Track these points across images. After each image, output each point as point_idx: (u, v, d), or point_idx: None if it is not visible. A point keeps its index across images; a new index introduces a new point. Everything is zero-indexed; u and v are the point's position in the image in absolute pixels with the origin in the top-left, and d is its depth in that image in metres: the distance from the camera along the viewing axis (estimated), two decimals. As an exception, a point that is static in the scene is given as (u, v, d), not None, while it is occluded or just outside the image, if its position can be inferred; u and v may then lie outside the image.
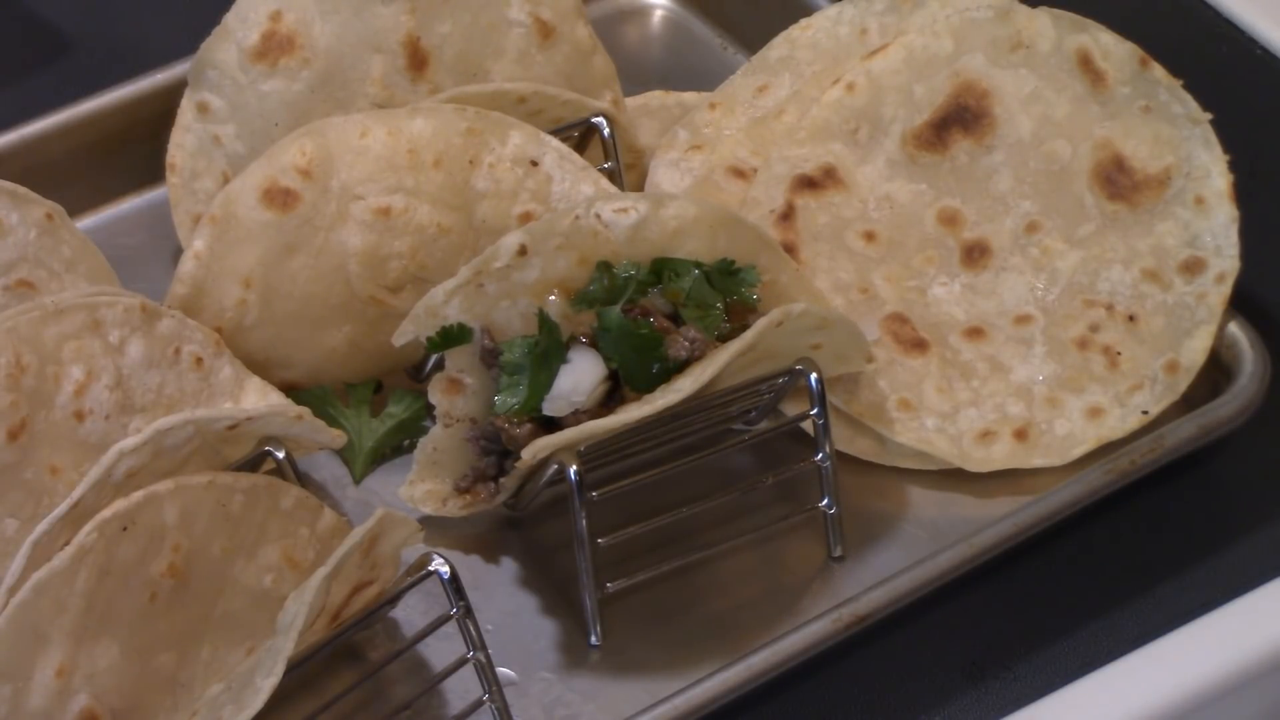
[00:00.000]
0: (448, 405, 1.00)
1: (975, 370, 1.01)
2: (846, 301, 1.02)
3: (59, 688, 0.86)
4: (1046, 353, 1.02)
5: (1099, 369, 1.01)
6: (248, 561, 0.92)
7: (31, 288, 0.99)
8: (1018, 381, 1.01)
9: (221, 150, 1.09)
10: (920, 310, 1.03)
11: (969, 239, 1.04)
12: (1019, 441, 1.01)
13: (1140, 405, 1.01)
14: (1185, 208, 1.03)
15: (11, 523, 0.91)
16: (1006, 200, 1.04)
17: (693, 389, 0.94)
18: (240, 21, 1.07)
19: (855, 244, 1.04)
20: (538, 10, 1.10)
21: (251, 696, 0.84)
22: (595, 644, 0.98)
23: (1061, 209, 1.04)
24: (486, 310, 0.98)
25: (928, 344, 1.01)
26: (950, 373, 1.01)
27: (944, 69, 1.05)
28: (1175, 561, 1.03)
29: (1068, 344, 1.02)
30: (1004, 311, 1.02)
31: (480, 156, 1.04)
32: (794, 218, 1.04)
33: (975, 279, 1.03)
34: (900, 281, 1.03)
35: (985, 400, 1.01)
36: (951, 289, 1.03)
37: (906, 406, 1.01)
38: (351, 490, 1.04)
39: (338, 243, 1.02)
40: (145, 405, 0.95)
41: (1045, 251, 1.03)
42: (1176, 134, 1.03)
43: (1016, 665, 0.99)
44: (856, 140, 1.06)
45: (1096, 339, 1.01)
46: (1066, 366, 1.01)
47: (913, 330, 1.01)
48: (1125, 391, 1.01)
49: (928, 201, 1.05)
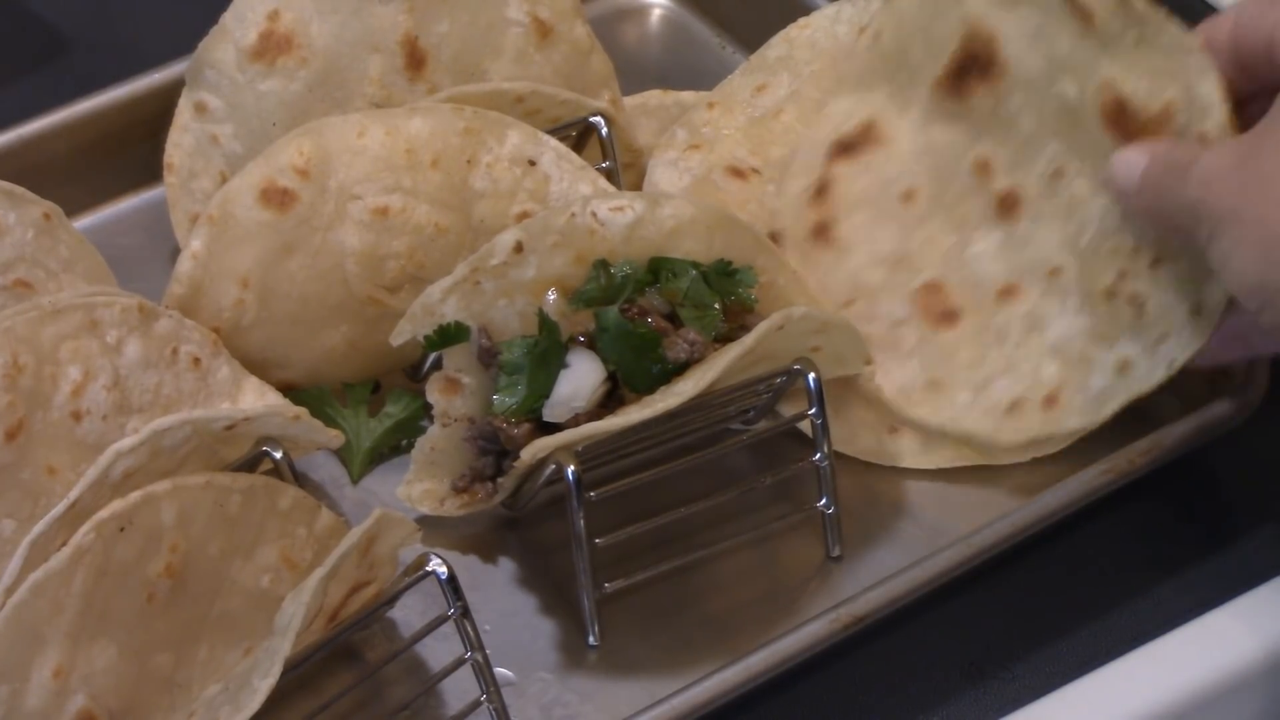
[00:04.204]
0: (445, 405, 1.00)
1: (1009, 333, 1.00)
2: (883, 276, 1.01)
3: (56, 688, 0.86)
4: (1079, 305, 1.00)
5: (1127, 319, 0.99)
6: (245, 562, 0.92)
7: (29, 288, 0.99)
8: (1052, 340, 1.00)
9: (219, 150, 1.09)
10: (958, 272, 1.02)
11: (1001, 189, 1.03)
12: (1049, 408, 1.00)
13: (1168, 355, 0.98)
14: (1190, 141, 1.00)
15: (9, 523, 0.91)
16: (1032, 143, 1.02)
17: (693, 392, 0.94)
18: (238, 21, 1.07)
19: (895, 207, 1.04)
20: (536, 10, 1.10)
21: (249, 697, 0.84)
22: (593, 644, 0.98)
23: (1083, 151, 1.01)
24: (484, 309, 0.98)
25: (959, 313, 1.01)
26: (983, 338, 1.00)
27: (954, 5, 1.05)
28: (1175, 561, 1.03)
29: (1098, 295, 0.99)
30: (1038, 264, 1.01)
31: (478, 156, 1.04)
32: (829, 192, 1.04)
33: (1011, 231, 1.02)
34: (940, 241, 1.02)
35: (1019, 364, 1.00)
36: (988, 244, 1.02)
37: (936, 388, 0.99)
38: (349, 490, 1.04)
39: (335, 242, 1.02)
40: (143, 405, 0.95)
41: (1074, 197, 1.01)
42: (1170, 64, 0.99)
43: (1016, 665, 0.99)
44: (897, 85, 1.06)
45: (1124, 288, 0.99)
46: (1098, 319, 1.00)
47: (944, 299, 1.01)
48: (1153, 341, 0.98)
49: (961, 151, 1.04)
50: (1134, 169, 0.96)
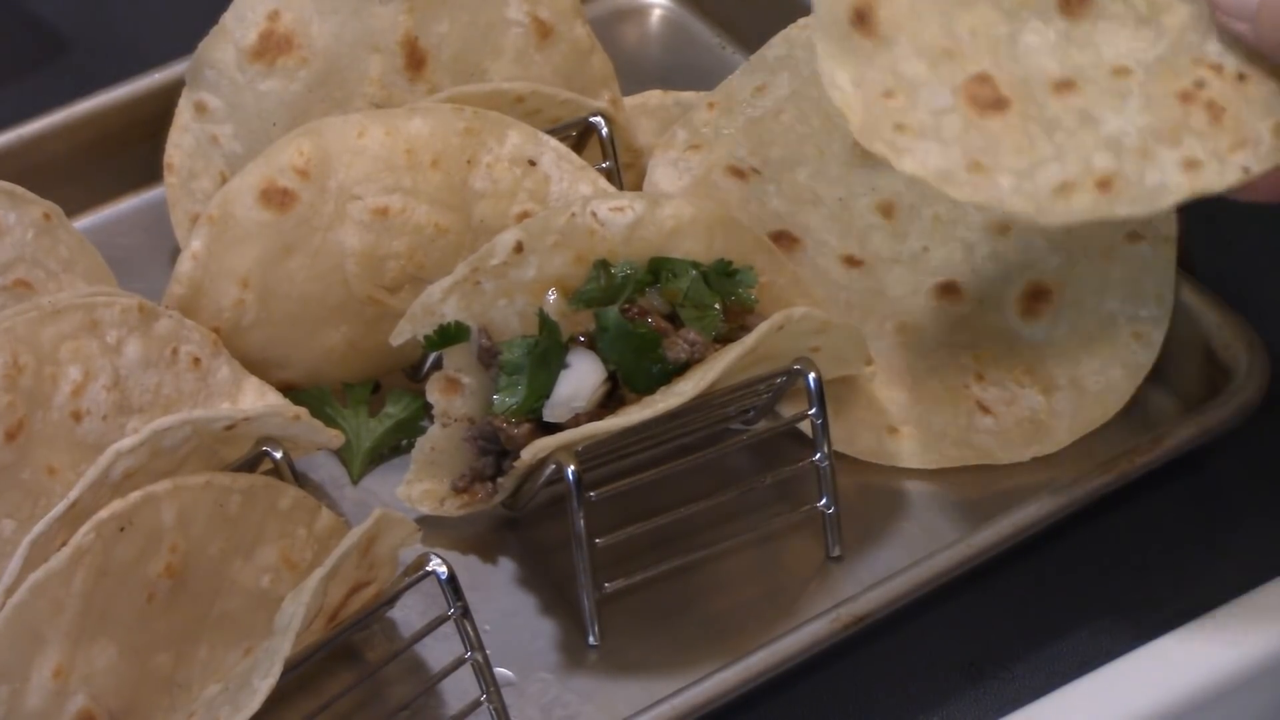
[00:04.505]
0: (445, 405, 1.00)
1: (1061, 124, 0.93)
2: (926, 69, 0.93)
3: (56, 688, 0.86)
4: (1143, 105, 0.93)
5: (1200, 124, 0.92)
6: (245, 562, 0.92)
7: (29, 288, 0.99)
8: (1108, 133, 0.93)
9: (219, 150, 1.09)
10: (1008, 64, 0.94)
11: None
12: (1102, 192, 0.92)
13: (1242, 163, 0.92)
14: None
15: (9, 523, 0.91)
16: None
17: (694, 393, 0.94)
18: (238, 21, 1.07)
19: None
20: (536, 10, 1.10)
21: (249, 697, 0.84)
22: (593, 644, 0.98)
23: None
24: (484, 309, 0.98)
25: (1009, 102, 0.93)
26: (1032, 129, 0.93)
27: None
28: (1175, 561, 1.03)
29: (1168, 97, 0.93)
30: (1100, 63, 0.94)
31: (478, 156, 1.04)
32: None
33: (1072, 27, 0.94)
34: (989, 30, 0.94)
35: (1069, 154, 0.93)
36: (1045, 36, 0.94)
37: (978, 168, 0.92)
38: (349, 490, 1.04)
39: (335, 243, 1.02)
40: (143, 405, 0.95)
41: (1151, 4, 0.94)
42: None
43: (1016, 665, 0.99)
44: None
45: (1200, 94, 0.93)
46: (1164, 119, 0.93)
47: (994, 89, 0.94)
48: (1227, 147, 0.92)
49: None
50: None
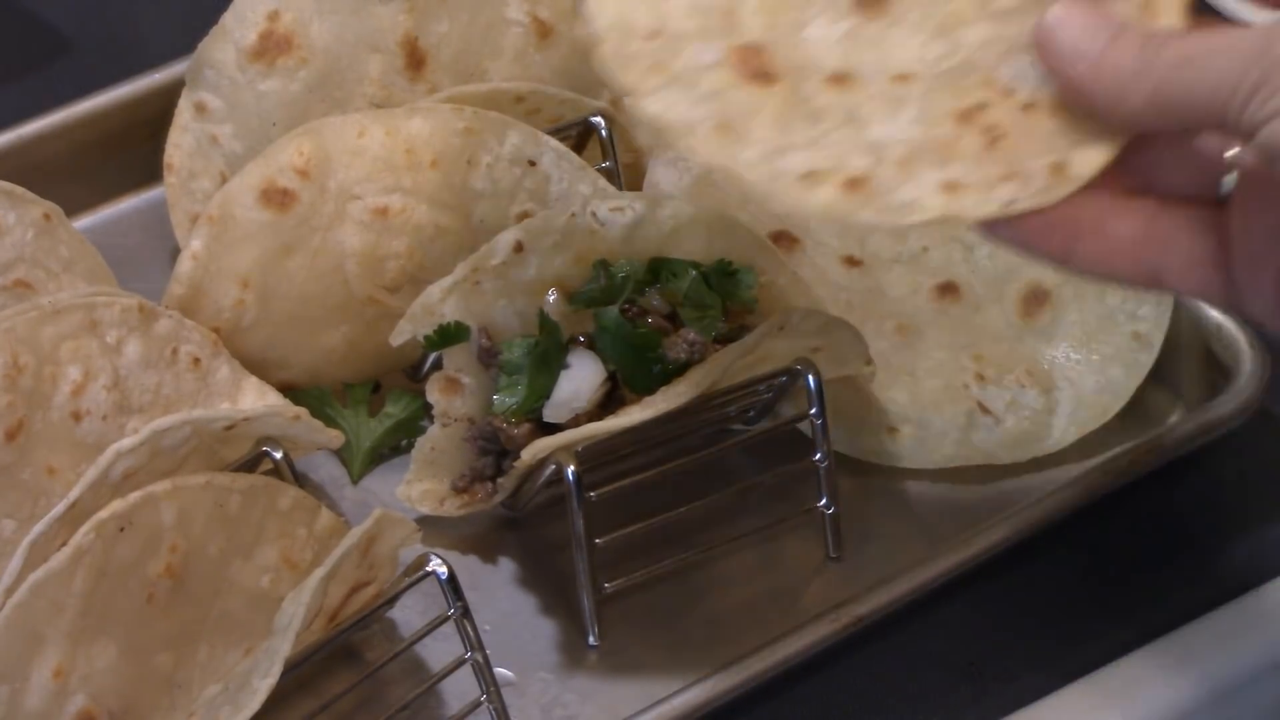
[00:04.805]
0: (445, 405, 1.00)
1: (826, 115, 0.84)
2: (697, 25, 0.84)
3: (56, 689, 0.86)
4: (917, 117, 0.84)
5: (973, 147, 0.82)
6: (245, 562, 0.92)
7: (29, 288, 0.99)
8: (873, 137, 0.83)
9: (219, 150, 1.09)
10: (786, 49, 0.85)
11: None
12: (848, 191, 0.82)
13: (1007, 196, 0.81)
14: (1129, 5, 0.82)
15: (9, 523, 0.91)
16: None
17: (694, 393, 0.94)
18: (238, 21, 1.07)
19: None
20: (536, 10, 1.10)
21: (249, 697, 0.84)
22: (593, 644, 0.98)
23: None
24: (484, 309, 0.98)
25: (778, 77, 0.84)
26: (795, 111, 0.84)
27: None
28: (1175, 561, 1.03)
29: (946, 114, 0.84)
30: (884, 66, 0.85)
31: (478, 156, 1.04)
32: None
33: (864, 25, 0.85)
34: (776, 13, 0.85)
35: (826, 146, 0.83)
36: (832, 32, 0.85)
37: (726, 130, 0.82)
38: (349, 490, 1.04)
39: (335, 243, 1.02)
40: (143, 406, 0.95)
41: (953, 14, 0.85)
42: None
43: (1016, 665, 0.99)
44: None
45: (981, 117, 0.83)
46: (935, 135, 0.83)
47: (766, 62, 0.84)
48: (996, 177, 0.82)
49: None
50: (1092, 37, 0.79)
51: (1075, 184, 0.80)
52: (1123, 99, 0.77)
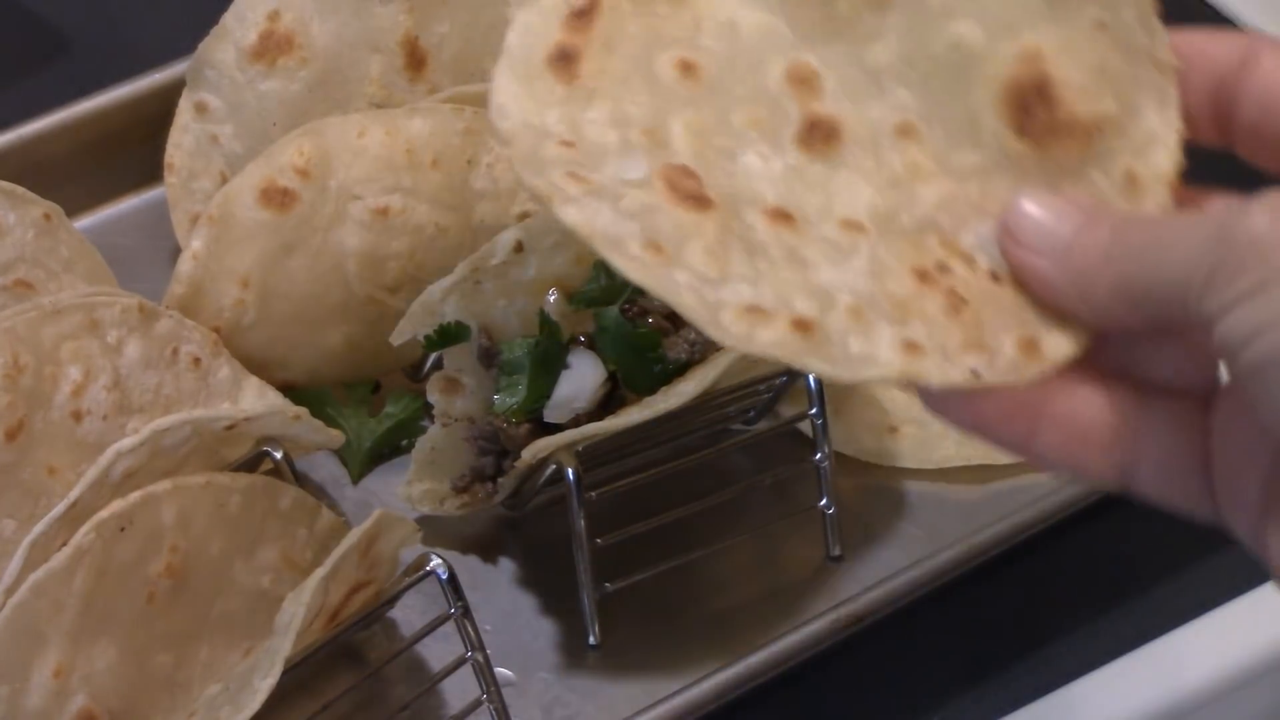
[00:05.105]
0: (445, 405, 1.00)
1: (766, 251, 0.73)
2: (620, 140, 0.74)
3: (57, 688, 0.86)
4: (870, 269, 0.73)
5: (934, 309, 0.72)
6: (246, 562, 0.92)
7: (29, 288, 0.99)
8: (821, 281, 0.73)
9: (219, 150, 1.09)
10: (720, 176, 0.74)
11: (817, 113, 0.75)
12: (797, 332, 0.72)
13: (972, 365, 0.71)
14: (1109, 180, 0.74)
15: (9, 523, 0.91)
16: (881, 80, 0.76)
17: (694, 393, 0.94)
18: (238, 21, 1.07)
19: (665, 73, 0.76)
20: (536, 10, 1.10)
21: (249, 697, 0.84)
22: (594, 644, 0.98)
23: (949, 119, 0.76)
24: (484, 309, 0.98)
25: (713, 204, 0.73)
26: (732, 243, 0.73)
27: None
28: (1175, 561, 1.03)
29: (903, 270, 0.73)
30: (829, 211, 0.74)
31: (478, 156, 1.04)
32: (595, 17, 0.76)
33: (807, 164, 0.74)
34: (707, 137, 0.75)
35: (768, 282, 0.73)
36: (770, 165, 0.74)
37: (657, 250, 0.72)
38: (349, 490, 1.04)
39: (336, 243, 1.02)
40: (143, 405, 0.95)
41: (911, 167, 0.75)
42: (1129, 74, 0.75)
43: (1016, 665, 0.99)
44: None
45: (942, 280, 0.73)
46: (892, 291, 0.73)
47: (698, 186, 0.73)
48: (959, 344, 0.72)
49: (781, 47, 0.77)
50: (1062, 225, 0.71)
51: (1048, 365, 0.71)
52: (1088, 293, 0.68)
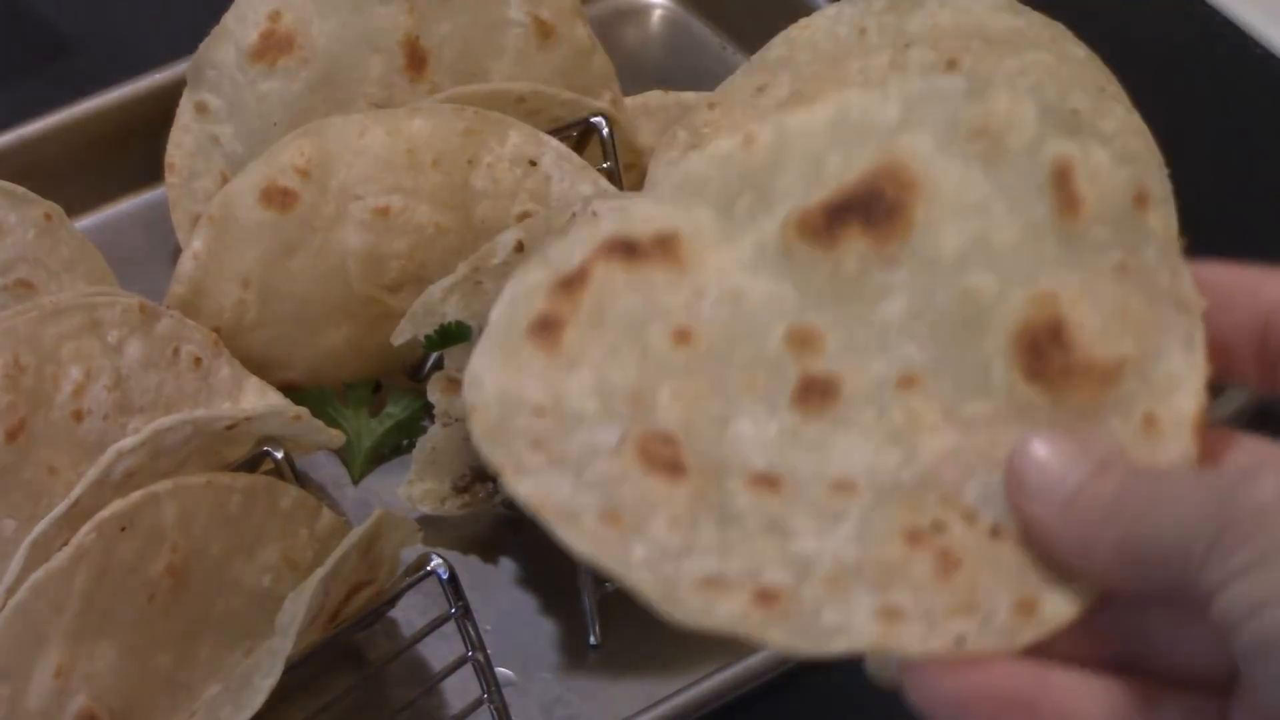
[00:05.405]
0: (446, 404, 1.00)
1: (742, 521, 0.70)
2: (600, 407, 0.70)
3: (57, 688, 0.86)
4: (857, 533, 0.69)
5: (922, 574, 0.68)
6: (246, 562, 0.92)
7: (30, 288, 0.99)
8: (798, 550, 0.69)
9: (220, 150, 1.09)
10: (704, 443, 0.71)
11: (816, 372, 0.71)
12: (759, 606, 0.68)
13: (958, 631, 0.68)
14: (1127, 424, 0.70)
15: (10, 523, 0.91)
16: (888, 336, 0.72)
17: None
18: (239, 21, 1.08)
19: (659, 343, 0.72)
20: (537, 10, 1.10)
21: (250, 697, 0.84)
22: (595, 644, 0.98)
23: (957, 369, 0.72)
24: (484, 308, 0.98)
25: (688, 472, 0.69)
26: (703, 512, 0.69)
27: (876, 142, 0.74)
28: (1175, 561, 1.03)
29: (892, 532, 0.70)
30: (822, 472, 0.71)
31: (479, 156, 1.04)
32: (584, 287, 0.72)
33: (802, 425, 0.71)
34: (697, 403, 0.71)
35: (736, 554, 0.69)
36: (765, 430, 0.71)
37: (613, 521, 0.68)
38: (350, 490, 1.04)
39: (336, 243, 1.02)
40: (144, 405, 0.95)
41: (913, 419, 0.71)
42: (1152, 316, 0.71)
43: (1016, 665, 0.98)
44: (732, 212, 0.74)
45: (934, 541, 0.69)
46: (876, 556, 0.69)
47: (675, 452, 0.69)
48: (946, 609, 0.68)
49: (784, 311, 0.73)
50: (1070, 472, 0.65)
51: (1047, 628, 0.66)
52: (1090, 551, 0.63)
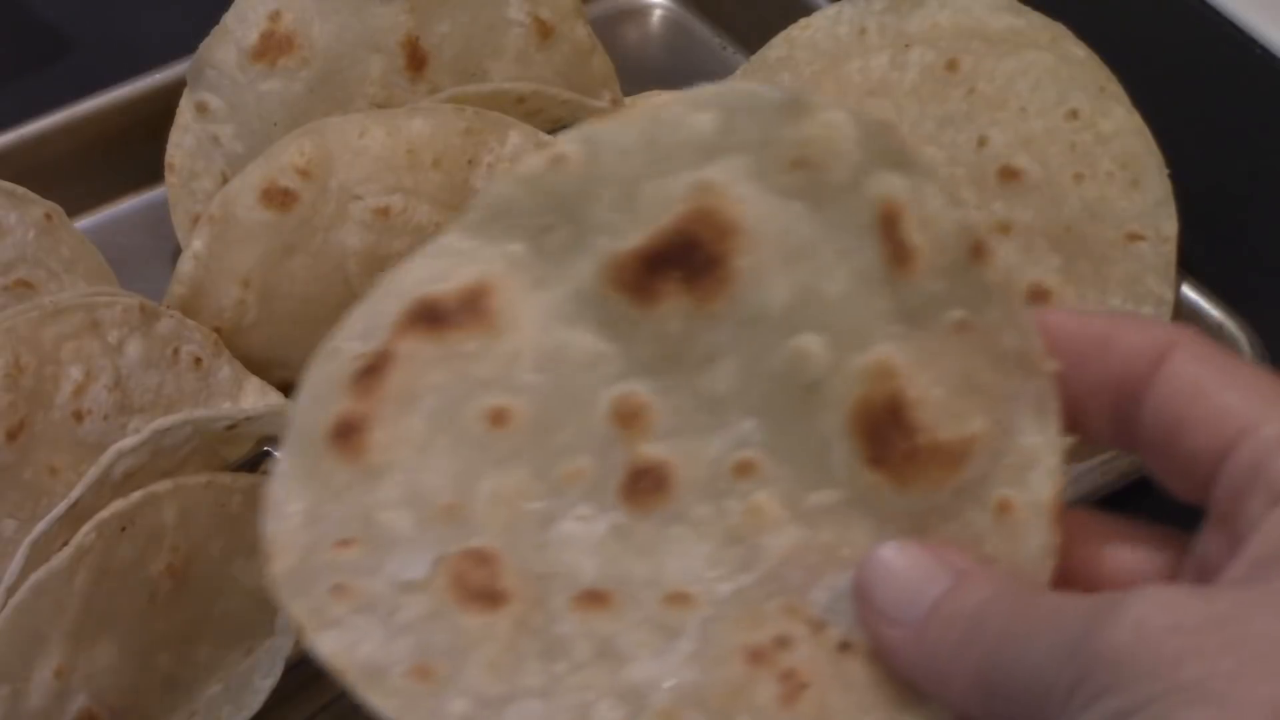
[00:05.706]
0: (446, 405, 0.99)
1: (571, 650, 0.63)
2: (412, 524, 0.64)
3: (58, 688, 0.86)
4: (694, 653, 0.63)
5: (765, 698, 0.62)
6: (246, 561, 0.92)
7: (30, 288, 0.99)
8: (632, 679, 0.63)
9: (220, 150, 1.09)
10: (526, 553, 0.64)
11: (646, 458, 0.65)
12: None
13: None
14: (981, 512, 0.63)
15: (10, 523, 0.91)
16: (721, 408, 0.65)
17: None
18: (239, 21, 1.08)
19: (474, 427, 0.65)
20: (537, 10, 1.10)
21: (250, 697, 0.84)
22: (594, 644, 0.97)
23: (796, 451, 0.64)
24: (485, 310, 0.97)
25: (508, 597, 0.63)
26: (526, 645, 0.63)
27: (691, 165, 0.65)
28: (1175, 562, 1.03)
29: (733, 649, 0.63)
30: (657, 581, 0.64)
31: (479, 156, 1.04)
32: (387, 372, 0.66)
33: (633, 524, 0.65)
34: (518, 502, 0.65)
35: (564, 691, 0.62)
36: (593, 530, 0.65)
37: (426, 676, 0.62)
38: (350, 490, 1.04)
39: (337, 242, 1.03)
40: (144, 405, 0.95)
41: (753, 514, 0.64)
42: (999, 383, 0.63)
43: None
44: (544, 248, 0.65)
45: (778, 658, 0.62)
46: (716, 680, 0.63)
47: (493, 575, 0.63)
48: None
49: (607, 374, 0.66)
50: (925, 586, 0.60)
51: None
52: (945, 679, 0.58)
